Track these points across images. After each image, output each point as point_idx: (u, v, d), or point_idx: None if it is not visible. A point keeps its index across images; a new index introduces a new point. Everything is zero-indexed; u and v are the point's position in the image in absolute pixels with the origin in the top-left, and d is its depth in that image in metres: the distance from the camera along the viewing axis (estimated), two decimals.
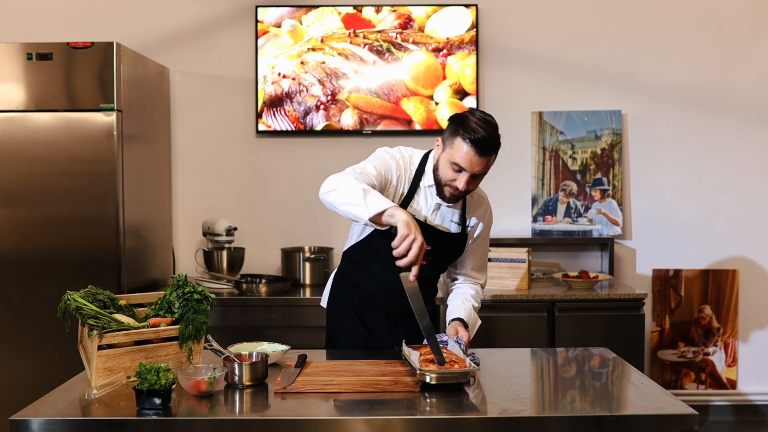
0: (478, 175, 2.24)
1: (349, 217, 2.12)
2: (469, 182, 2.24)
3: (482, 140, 2.18)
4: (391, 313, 2.49)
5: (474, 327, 2.45)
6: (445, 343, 2.27)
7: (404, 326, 2.46)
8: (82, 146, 3.42)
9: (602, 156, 4.14)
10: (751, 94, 4.16)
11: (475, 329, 2.46)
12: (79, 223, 3.44)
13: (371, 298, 2.49)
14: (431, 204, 2.37)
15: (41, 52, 3.42)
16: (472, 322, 2.44)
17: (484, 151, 2.19)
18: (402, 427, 1.80)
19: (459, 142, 2.20)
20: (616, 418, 1.82)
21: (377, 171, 2.27)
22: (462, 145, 2.20)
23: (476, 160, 2.19)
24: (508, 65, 4.16)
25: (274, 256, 4.19)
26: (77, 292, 2.08)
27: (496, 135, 2.22)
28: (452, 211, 2.41)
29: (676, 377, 4.20)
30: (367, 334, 2.50)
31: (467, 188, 2.25)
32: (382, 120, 4.09)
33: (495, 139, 2.21)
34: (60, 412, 1.84)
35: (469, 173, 2.22)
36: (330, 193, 2.13)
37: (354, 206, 2.06)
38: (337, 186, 2.12)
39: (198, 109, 4.19)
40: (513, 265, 3.74)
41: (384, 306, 2.48)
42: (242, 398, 1.96)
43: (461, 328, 2.35)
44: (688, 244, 4.19)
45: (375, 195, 2.07)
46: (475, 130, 2.18)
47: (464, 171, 2.22)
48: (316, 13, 4.08)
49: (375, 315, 2.50)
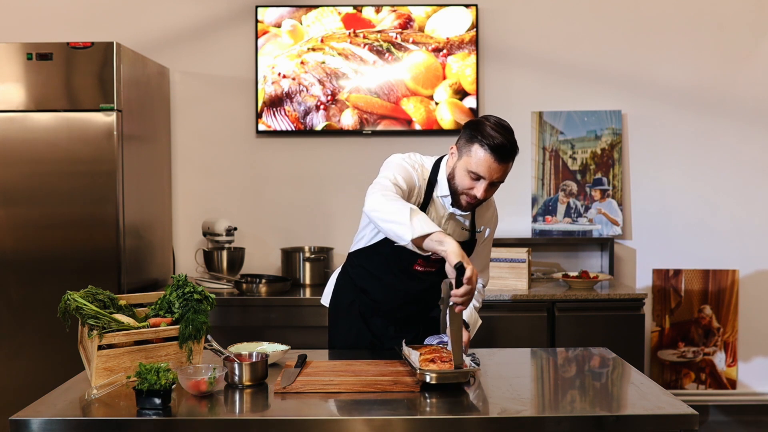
0: (496, 182, 2.19)
1: (389, 235, 2.07)
2: (487, 190, 2.19)
3: (501, 146, 2.13)
4: (398, 319, 2.48)
5: (475, 327, 2.44)
6: (446, 344, 2.27)
7: (410, 331, 2.45)
8: (82, 146, 3.42)
9: (602, 156, 4.14)
10: (751, 94, 4.16)
11: (476, 329, 2.45)
12: (79, 223, 3.44)
13: (378, 303, 2.47)
14: (444, 214, 2.33)
15: (41, 52, 3.42)
16: (473, 322, 2.43)
17: (503, 157, 2.14)
18: (402, 427, 1.80)
19: (476, 149, 2.15)
20: (616, 418, 1.82)
21: (406, 184, 2.21)
22: (480, 152, 2.14)
23: (495, 167, 2.15)
24: (508, 65, 4.16)
25: (274, 256, 4.19)
26: (77, 292, 2.08)
27: (514, 140, 2.18)
28: (463, 219, 2.38)
29: (676, 377, 4.20)
30: (372, 338, 2.49)
31: (485, 196, 2.21)
32: (382, 120, 4.09)
33: (513, 144, 2.17)
34: (60, 412, 1.84)
35: (487, 181, 2.17)
36: (375, 211, 2.08)
37: (399, 225, 2.00)
38: (382, 204, 2.07)
39: (198, 109, 4.19)
40: (513, 265, 3.74)
41: (391, 312, 2.47)
42: (242, 398, 1.96)
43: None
44: (688, 244, 4.19)
45: (421, 217, 2.01)
46: (493, 136, 2.13)
47: (483, 179, 2.17)
48: (316, 13, 4.08)
49: (381, 320, 2.49)
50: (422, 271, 2.37)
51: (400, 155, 2.32)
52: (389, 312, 2.48)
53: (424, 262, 2.33)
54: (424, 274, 2.38)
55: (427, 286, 2.40)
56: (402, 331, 2.45)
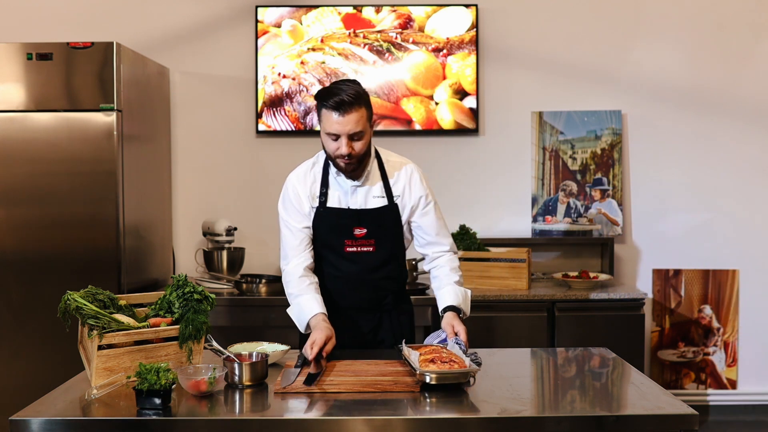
0: (355, 134, 2.27)
1: None
2: (350, 145, 2.27)
3: (341, 102, 2.23)
4: (362, 310, 2.49)
5: (466, 302, 2.42)
6: (445, 343, 2.27)
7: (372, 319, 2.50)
8: (82, 146, 3.42)
9: (602, 156, 4.14)
10: (751, 94, 4.16)
11: (468, 302, 2.43)
12: (79, 223, 3.43)
13: (340, 297, 2.49)
14: (347, 189, 2.41)
15: (41, 52, 3.42)
16: (462, 299, 2.41)
17: (345, 110, 2.24)
18: (402, 427, 1.80)
19: (324, 113, 2.27)
20: (616, 418, 1.82)
21: (293, 217, 2.44)
22: (326, 114, 2.27)
23: (342, 120, 2.24)
24: (508, 65, 4.16)
25: (274, 256, 4.16)
26: (77, 292, 2.08)
27: (352, 89, 2.26)
28: (372, 188, 2.43)
29: (676, 377, 4.20)
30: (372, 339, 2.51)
31: (352, 151, 2.28)
32: (382, 120, 4.09)
33: (350, 94, 2.25)
34: (60, 412, 1.84)
35: (344, 137, 2.26)
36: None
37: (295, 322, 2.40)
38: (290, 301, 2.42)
39: (198, 109, 4.19)
40: (513, 265, 3.74)
41: (354, 304, 2.49)
42: (242, 398, 1.96)
43: (456, 320, 2.31)
44: (688, 244, 4.19)
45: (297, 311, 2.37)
46: (329, 94, 2.25)
47: (340, 137, 2.27)
48: (316, 13, 4.08)
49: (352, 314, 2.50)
50: (356, 252, 2.43)
51: (284, 187, 2.51)
52: (352, 305, 2.49)
53: (351, 241, 2.42)
54: (357, 255, 2.43)
55: (364, 266, 2.44)
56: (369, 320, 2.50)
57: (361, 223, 2.41)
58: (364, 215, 2.42)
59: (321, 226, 2.44)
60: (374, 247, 2.43)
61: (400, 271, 2.53)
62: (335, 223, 2.42)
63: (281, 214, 2.50)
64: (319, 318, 2.29)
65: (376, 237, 2.43)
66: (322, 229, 2.44)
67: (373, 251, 2.44)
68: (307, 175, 2.46)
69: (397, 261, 2.51)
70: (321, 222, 2.43)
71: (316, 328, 2.24)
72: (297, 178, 2.48)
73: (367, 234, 2.42)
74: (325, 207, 2.42)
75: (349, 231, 2.41)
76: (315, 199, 2.43)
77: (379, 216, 2.43)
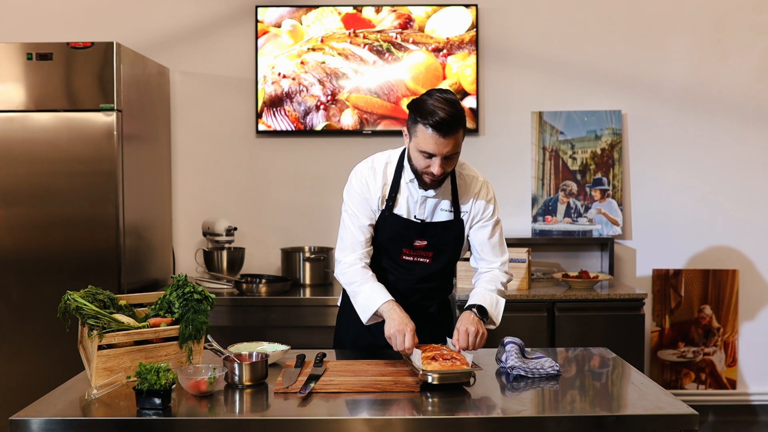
0: (450, 156, 2.21)
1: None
2: (443, 165, 2.21)
3: (442, 122, 2.13)
4: None
5: (495, 306, 2.36)
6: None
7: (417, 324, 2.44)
8: (82, 146, 3.42)
9: (602, 156, 4.14)
10: (751, 94, 4.16)
11: (496, 307, 2.37)
12: (79, 223, 3.43)
13: None
14: (417, 198, 2.36)
15: (41, 52, 3.42)
16: (490, 302, 2.34)
17: (447, 132, 2.15)
18: (402, 427, 1.80)
19: (421, 129, 2.17)
20: (616, 418, 1.82)
21: (362, 212, 2.36)
22: (424, 132, 2.16)
23: (442, 142, 2.16)
24: (508, 65, 4.16)
25: (274, 256, 4.19)
26: (77, 292, 2.08)
27: (456, 111, 2.17)
28: (441, 201, 2.38)
29: (676, 377, 4.20)
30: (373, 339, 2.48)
31: (443, 171, 2.22)
32: (382, 120, 4.09)
33: (455, 116, 2.16)
34: (60, 412, 1.84)
35: (439, 157, 2.19)
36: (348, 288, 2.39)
37: (359, 311, 2.32)
38: (349, 290, 2.37)
39: (198, 109, 4.19)
40: (513, 265, 3.72)
41: None
42: (242, 398, 1.96)
43: (470, 321, 2.24)
44: (688, 244, 4.19)
45: (362, 299, 2.29)
46: (433, 112, 2.14)
47: (434, 156, 2.19)
48: (316, 13, 4.08)
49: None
50: (411, 261, 2.39)
51: (356, 169, 2.41)
52: None
53: (409, 250, 2.38)
54: (413, 264, 2.40)
55: (417, 276, 2.41)
56: None
57: (423, 236, 2.36)
58: (429, 228, 2.37)
59: (383, 231, 2.38)
60: (431, 259, 2.39)
61: (449, 282, 2.53)
62: (398, 231, 2.37)
63: (349, 206, 2.39)
64: (394, 304, 2.23)
65: (435, 250, 2.39)
66: (384, 233, 2.39)
67: (429, 263, 2.40)
68: (379, 174, 2.37)
69: (449, 272, 2.50)
70: (384, 226, 2.38)
71: (393, 315, 2.19)
72: (371, 173, 2.38)
73: (426, 246, 2.37)
74: (391, 212, 2.37)
75: (410, 241, 2.37)
76: (383, 201, 2.37)
77: (443, 230, 2.38)
